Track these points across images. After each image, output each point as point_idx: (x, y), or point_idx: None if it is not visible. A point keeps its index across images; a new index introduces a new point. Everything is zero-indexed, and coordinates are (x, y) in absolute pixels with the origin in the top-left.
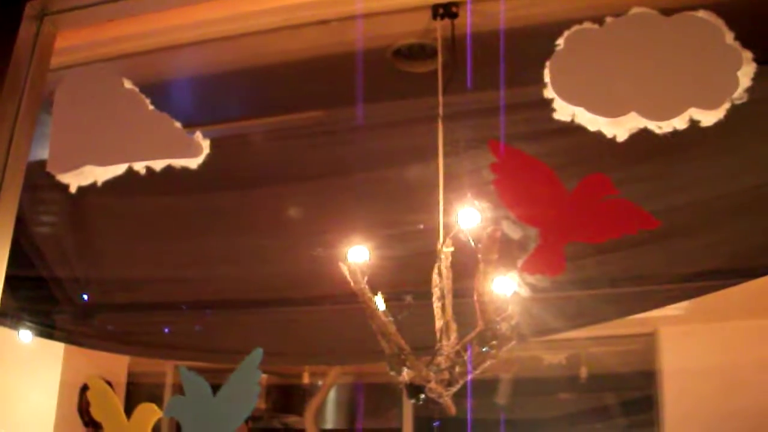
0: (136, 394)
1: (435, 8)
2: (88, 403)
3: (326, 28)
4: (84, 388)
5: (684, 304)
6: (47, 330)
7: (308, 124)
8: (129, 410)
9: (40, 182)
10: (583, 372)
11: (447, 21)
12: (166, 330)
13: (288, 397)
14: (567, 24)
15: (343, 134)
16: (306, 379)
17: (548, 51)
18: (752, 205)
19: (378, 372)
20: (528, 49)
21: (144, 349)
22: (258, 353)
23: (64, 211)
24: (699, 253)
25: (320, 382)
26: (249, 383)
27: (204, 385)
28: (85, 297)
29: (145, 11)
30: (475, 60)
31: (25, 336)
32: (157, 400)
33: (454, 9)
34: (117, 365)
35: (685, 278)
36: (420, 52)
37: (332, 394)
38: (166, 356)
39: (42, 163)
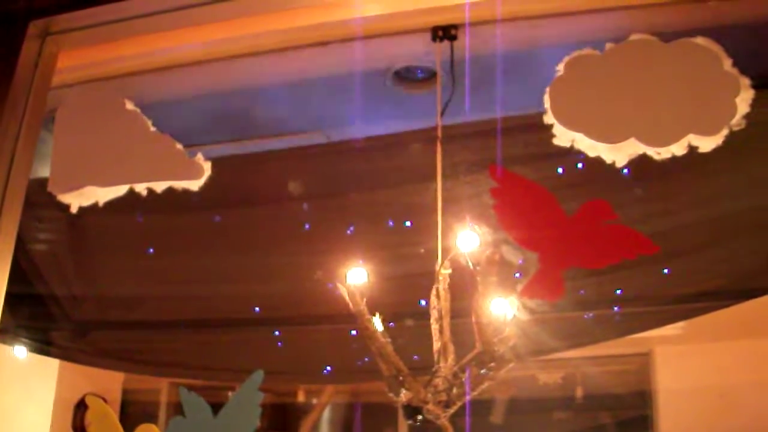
0: (130, 411)
1: (434, 31)
2: (82, 420)
3: (326, 50)
4: (79, 405)
5: (680, 324)
6: (44, 347)
7: (307, 145)
8: (123, 428)
9: (38, 200)
10: (579, 392)
11: (446, 43)
12: (163, 348)
13: (283, 416)
14: (566, 47)
15: (341, 155)
16: (301, 398)
17: (547, 74)
18: (750, 226)
19: (373, 391)
20: (527, 71)
21: (141, 367)
22: (259, 375)
23: (62, 229)
24: (696, 274)
25: (315, 401)
26: (250, 405)
27: (204, 406)
28: (82, 314)
29: (146, 32)
30: (474, 82)
31: (20, 352)
32: (152, 418)
33: (453, 31)
34: (112, 382)
35: (682, 299)
36: (419, 74)
37: (327, 413)
38: (162, 374)
39: (40, 181)
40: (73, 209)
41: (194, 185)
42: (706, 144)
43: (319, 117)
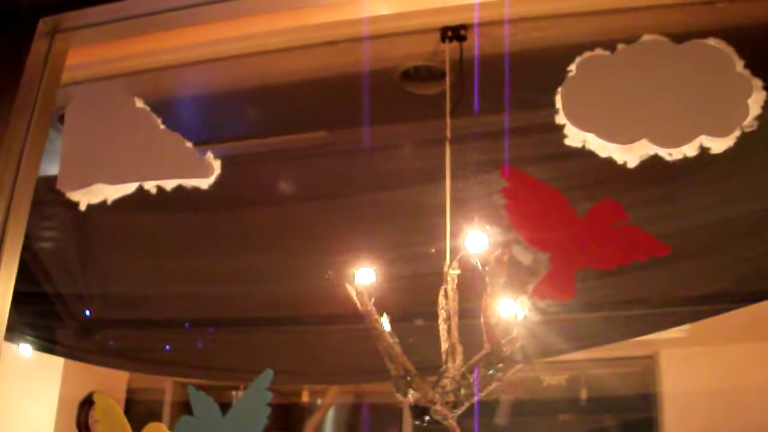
0: (135, 410)
1: (443, 31)
2: (87, 418)
3: (335, 49)
4: (83, 403)
5: (685, 327)
6: (49, 345)
7: (316, 145)
8: None
9: (45, 198)
10: (584, 393)
11: (455, 43)
12: (168, 347)
13: (287, 416)
14: (576, 48)
15: (350, 155)
16: (305, 398)
17: (558, 74)
18: (757, 229)
19: (377, 391)
20: (537, 72)
21: (145, 366)
22: (268, 374)
23: (69, 227)
24: (703, 277)
25: (319, 401)
26: (259, 404)
27: (213, 405)
28: (87, 313)
29: (156, 29)
30: (483, 83)
31: (25, 350)
32: (156, 416)
33: (462, 32)
34: (116, 381)
35: (688, 301)
36: (428, 74)
37: (331, 413)
38: (167, 373)
39: (47, 179)
40: (82, 207)
41: (204, 184)
42: (718, 145)
43: (327, 117)
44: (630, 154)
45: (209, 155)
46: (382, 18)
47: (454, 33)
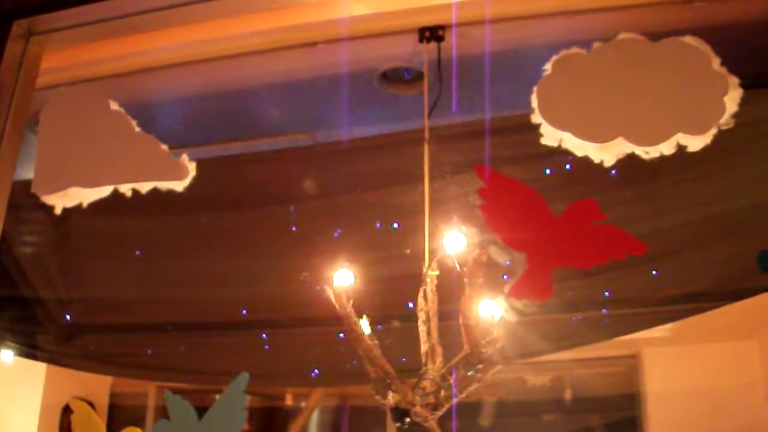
0: (118, 415)
1: (422, 32)
2: (69, 424)
3: (313, 51)
4: (66, 409)
5: (668, 326)
6: (30, 350)
7: (294, 147)
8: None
9: (23, 202)
10: (568, 393)
11: (433, 44)
12: (150, 351)
13: (271, 419)
14: (553, 47)
15: (329, 157)
16: (289, 401)
17: (535, 74)
18: (737, 228)
19: (361, 394)
20: (514, 72)
21: (127, 370)
22: (244, 378)
23: (48, 232)
24: (684, 276)
25: (303, 404)
26: (235, 407)
27: (189, 409)
28: (68, 317)
29: (131, 32)
30: (461, 83)
31: (7, 356)
32: (140, 421)
33: (440, 32)
34: (99, 386)
35: (670, 300)
36: (406, 75)
37: (315, 416)
38: (149, 377)
39: (26, 183)
40: (57, 210)
41: (179, 186)
42: (695, 143)
43: (306, 118)
44: (606, 153)
45: (184, 157)
46: (360, 19)
47: (432, 34)
